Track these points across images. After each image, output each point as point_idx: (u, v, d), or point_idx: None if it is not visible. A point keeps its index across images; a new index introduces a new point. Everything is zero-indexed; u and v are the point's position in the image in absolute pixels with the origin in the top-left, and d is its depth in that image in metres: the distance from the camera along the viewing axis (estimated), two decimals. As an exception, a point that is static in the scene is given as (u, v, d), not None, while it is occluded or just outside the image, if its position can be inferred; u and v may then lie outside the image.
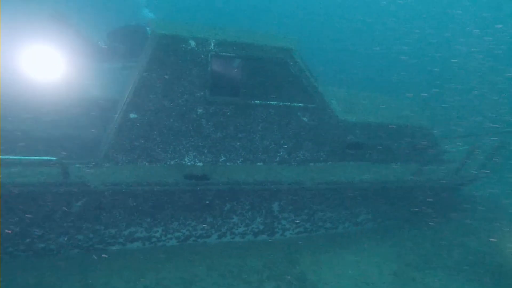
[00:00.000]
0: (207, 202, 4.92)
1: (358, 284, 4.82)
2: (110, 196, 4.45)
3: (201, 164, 5.10)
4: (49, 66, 5.90)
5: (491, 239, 5.85)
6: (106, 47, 7.00)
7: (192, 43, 4.69)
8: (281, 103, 5.22)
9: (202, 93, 4.84)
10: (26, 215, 4.24)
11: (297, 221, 5.58)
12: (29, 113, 5.58)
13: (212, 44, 4.78)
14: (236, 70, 5.75)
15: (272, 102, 5.19)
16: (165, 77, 4.64)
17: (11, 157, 3.98)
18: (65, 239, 4.60)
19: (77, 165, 4.54)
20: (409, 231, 6.13)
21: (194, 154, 5.04)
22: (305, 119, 5.41)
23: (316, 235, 5.83)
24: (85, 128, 5.66)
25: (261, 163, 5.38)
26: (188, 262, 4.83)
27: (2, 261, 4.28)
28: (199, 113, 4.89)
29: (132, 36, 7.20)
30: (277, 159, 5.45)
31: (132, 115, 4.64)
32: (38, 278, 4.18)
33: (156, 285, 4.39)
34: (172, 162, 4.97)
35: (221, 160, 5.18)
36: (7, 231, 4.13)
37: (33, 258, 4.50)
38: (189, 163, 5.05)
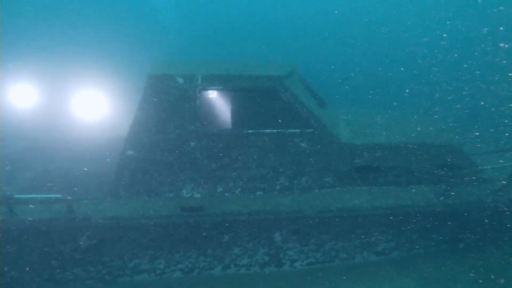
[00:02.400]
0: (204, 234, 4.99)
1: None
2: (111, 230, 4.77)
3: (198, 195, 5.23)
4: (94, 107, 6.65)
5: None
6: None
7: (180, 80, 4.99)
8: (275, 130, 5.19)
9: (193, 127, 5.05)
10: (44, 249, 4.75)
11: (305, 252, 5.31)
12: (69, 151, 6.31)
13: (200, 79, 5.02)
14: (225, 101, 5.90)
15: (265, 130, 5.19)
16: (157, 114, 4.97)
17: (24, 196, 4.57)
18: (79, 270, 5.01)
19: (85, 201, 5.00)
20: (442, 261, 5.40)
21: (191, 186, 5.21)
22: (303, 144, 5.28)
23: (330, 266, 5.46)
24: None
25: (260, 192, 5.33)
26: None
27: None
28: (192, 146, 5.09)
29: None
30: (278, 187, 5.35)
31: (129, 152, 5.01)
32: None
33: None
34: (170, 195, 5.19)
35: (218, 191, 5.26)
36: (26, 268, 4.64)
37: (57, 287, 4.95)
38: (186, 195, 5.22)
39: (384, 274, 5.21)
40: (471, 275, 5.01)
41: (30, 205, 4.57)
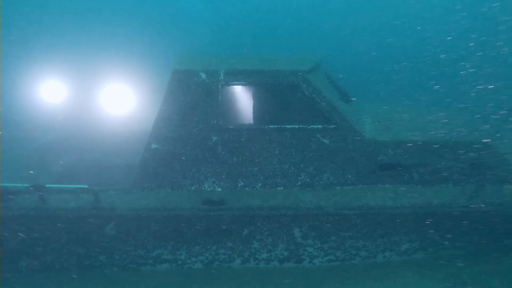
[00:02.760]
0: (224, 227, 5.06)
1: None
2: (135, 220, 4.94)
3: (220, 189, 5.30)
4: (121, 101, 6.87)
5: None
6: None
7: (203, 75, 5.05)
8: (297, 126, 5.16)
9: (215, 122, 5.11)
10: (72, 236, 4.99)
11: (325, 249, 5.27)
12: (97, 143, 6.56)
13: (222, 75, 5.07)
14: (248, 96, 5.91)
15: (287, 126, 5.17)
16: (180, 108, 5.06)
17: (54, 185, 4.80)
18: (104, 257, 5.22)
19: (111, 192, 5.19)
20: (468, 265, 5.20)
21: (212, 180, 5.28)
22: (325, 141, 5.22)
23: (350, 264, 5.39)
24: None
25: (281, 188, 5.33)
26: (208, 285, 4.97)
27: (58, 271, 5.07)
28: (214, 140, 5.16)
29: None
30: (299, 183, 5.33)
31: (153, 146, 5.14)
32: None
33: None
34: (192, 188, 5.29)
35: (239, 185, 5.31)
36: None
37: (83, 272, 5.19)
38: (208, 189, 5.30)
39: (406, 275, 5.08)
40: (498, 281, 4.80)
41: (60, 195, 4.79)
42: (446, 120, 5.87)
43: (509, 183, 5.11)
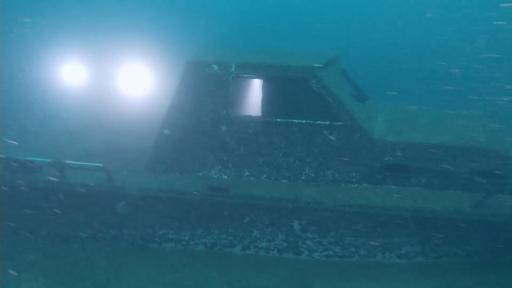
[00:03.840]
0: (226, 213, 5.28)
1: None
2: (144, 200, 5.27)
3: (226, 177, 5.52)
4: (140, 83, 7.04)
5: None
6: None
7: (215, 67, 5.23)
8: (304, 121, 5.24)
9: (225, 112, 5.30)
10: (85, 210, 5.41)
11: (324, 243, 5.38)
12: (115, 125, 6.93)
13: (233, 67, 5.22)
14: (258, 89, 6.01)
15: (294, 120, 5.27)
16: (193, 98, 5.29)
17: (73, 162, 5.21)
18: (115, 232, 5.63)
19: (124, 172, 5.55)
20: (469, 274, 5.13)
21: (219, 167, 5.51)
22: (332, 137, 5.28)
23: (348, 261, 5.47)
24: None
25: (285, 180, 5.46)
26: (206, 267, 5.25)
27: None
28: (222, 130, 5.36)
29: None
30: (303, 177, 5.43)
31: (165, 131, 5.43)
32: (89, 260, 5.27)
33: (171, 282, 4.95)
34: (200, 174, 5.54)
35: (245, 174, 5.50)
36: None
37: (93, 243, 5.63)
38: (215, 176, 5.53)
39: (403, 278, 5.09)
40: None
41: (77, 170, 5.19)
42: (462, 126, 5.72)
43: None
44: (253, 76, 5.23)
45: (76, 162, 5.13)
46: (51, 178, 5.09)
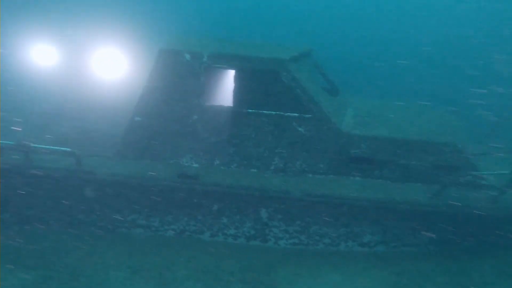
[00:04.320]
0: (195, 200, 5.38)
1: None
2: (113, 185, 5.30)
3: (197, 165, 5.60)
4: (113, 66, 6.91)
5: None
6: None
7: (187, 56, 5.27)
8: (274, 112, 5.36)
9: (196, 101, 5.36)
10: (52, 193, 5.39)
11: (290, 231, 5.55)
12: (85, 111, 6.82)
13: (205, 57, 5.28)
14: (229, 80, 6.10)
15: (264, 111, 5.38)
16: (164, 86, 5.32)
17: (40, 146, 5.17)
18: (84, 217, 5.64)
19: (94, 157, 5.55)
20: (425, 263, 5.41)
21: (190, 156, 5.58)
22: (301, 129, 5.42)
23: (313, 249, 5.67)
24: None
25: (254, 170, 5.59)
26: (174, 253, 5.35)
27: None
28: (194, 119, 5.42)
29: None
30: (272, 167, 5.57)
31: (137, 118, 5.45)
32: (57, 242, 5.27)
33: (139, 267, 5.03)
34: (171, 162, 5.60)
35: (215, 163, 5.59)
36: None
37: (64, 228, 5.61)
38: (186, 164, 5.60)
39: (363, 266, 5.32)
40: (445, 278, 5.01)
41: (47, 156, 5.16)
42: (425, 121, 5.97)
43: (472, 187, 5.23)
44: (225, 66, 5.30)
45: (43, 146, 5.09)
46: (14, 160, 5.03)
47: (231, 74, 5.82)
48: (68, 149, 5.10)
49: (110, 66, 6.78)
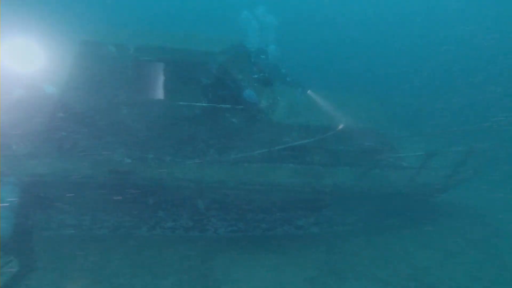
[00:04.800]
0: (129, 196, 5.26)
1: (263, 286, 4.77)
2: (36, 186, 4.99)
3: (129, 160, 5.45)
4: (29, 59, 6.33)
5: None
6: None
7: (112, 48, 5.08)
8: (207, 104, 5.37)
9: (125, 95, 5.20)
10: None
11: (228, 220, 5.66)
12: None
13: (132, 49, 5.12)
14: (159, 72, 6.02)
15: (197, 103, 5.37)
16: (90, 80, 5.09)
17: None
18: (4, 222, 5.25)
19: (14, 155, 5.17)
20: (355, 240, 5.83)
21: (122, 151, 5.42)
22: (234, 120, 5.50)
23: (252, 235, 5.83)
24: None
25: (190, 162, 5.58)
26: (108, 250, 5.21)
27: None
28: (124, 113, 5.26)
29: None
30: (207, 158, 5.60)
31: (60, 114, 5.16)
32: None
33: (68, 269, 4.84)
34: (101, 158, 5.40)
35: (149, 157, 5.49)
36: None
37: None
38: (118, 159, 5.43)
39: (297, 246, 5.61)
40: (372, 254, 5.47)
41: None
42: (352, 109, 6.36)
43: (393, 168, 5.72)
44: (154, 59, 5.19)
45: None
46: None
47: (160, 66, 5.72)
48: None
49: (22, 59, 6.28)
